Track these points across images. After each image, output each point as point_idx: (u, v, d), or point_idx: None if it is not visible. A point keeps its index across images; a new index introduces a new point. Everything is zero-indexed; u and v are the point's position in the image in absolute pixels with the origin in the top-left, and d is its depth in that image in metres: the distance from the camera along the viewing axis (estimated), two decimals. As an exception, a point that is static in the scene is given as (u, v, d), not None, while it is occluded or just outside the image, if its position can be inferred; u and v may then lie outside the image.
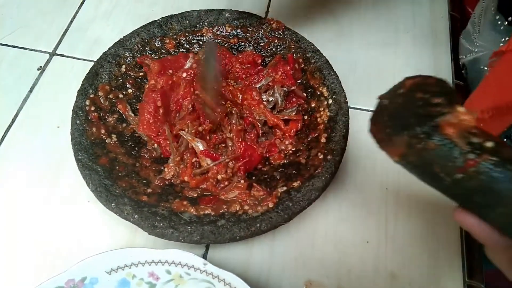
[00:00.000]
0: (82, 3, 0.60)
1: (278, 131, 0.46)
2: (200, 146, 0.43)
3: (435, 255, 0.42)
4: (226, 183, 0.42)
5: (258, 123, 0.45)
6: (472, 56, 0.52)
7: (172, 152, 0.43)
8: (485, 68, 0.50)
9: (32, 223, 0.43)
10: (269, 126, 0.46)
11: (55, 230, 0.43)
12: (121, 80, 0.48)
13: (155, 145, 0.46)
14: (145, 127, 0.45)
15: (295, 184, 0.41)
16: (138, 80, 0.49)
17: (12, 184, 0.45)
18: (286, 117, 0.46)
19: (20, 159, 0.47)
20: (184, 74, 0.47)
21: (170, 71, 0.48)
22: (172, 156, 0.43)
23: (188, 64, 0.48)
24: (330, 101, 0.45)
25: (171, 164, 0.43)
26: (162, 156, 0.45)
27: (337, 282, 0.41)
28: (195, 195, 0.42)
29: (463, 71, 0.55)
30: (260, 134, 0.45)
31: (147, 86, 0.48)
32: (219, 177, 0.42)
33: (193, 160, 0.43)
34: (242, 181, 0.42)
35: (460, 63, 0.55)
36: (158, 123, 0.45)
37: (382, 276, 0.41)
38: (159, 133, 0.45)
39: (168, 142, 0.44)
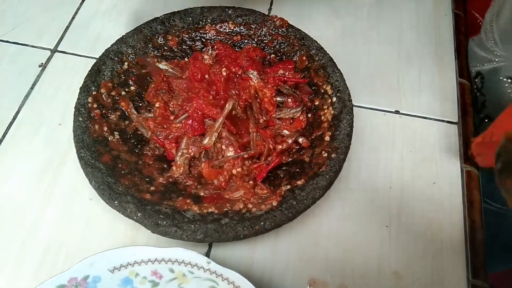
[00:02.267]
0: (83, 0, 0.59)
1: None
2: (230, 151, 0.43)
3: (439, 254, 0.42)
4: (238, 182, 0.42)
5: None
6: (491, 65, 0.51)
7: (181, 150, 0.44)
8: (504, 79, 0.50)
9: (33, 221, 0.43)
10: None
11: (56, 229, 0.42)
12: (123, 77, 0.47)
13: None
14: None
15: (299, 182, 0.41)
16: (141, 77, 0.48)
17: (13, 182, 0.45)
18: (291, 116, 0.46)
19: (22, 157, 0.47)
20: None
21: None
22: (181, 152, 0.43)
23: None
24: (334, 99, 0.45)
25: (179, 162, 0.43)
26: (167, 158, 0.45)
27: (340, 281, 0.41)
28: (201, 194, 0.41)
29: (476, 80, 0.54)
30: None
31: (152, 85, 0.47)
32: (234, 171, 0.42)
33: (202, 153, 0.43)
34: (251, 182, 0.42)
35: (472, 70, 0.55)
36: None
37: (385, 275, 0.41)
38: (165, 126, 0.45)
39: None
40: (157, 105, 0.46)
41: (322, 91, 0.46)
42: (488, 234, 0.43)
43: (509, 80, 0.49)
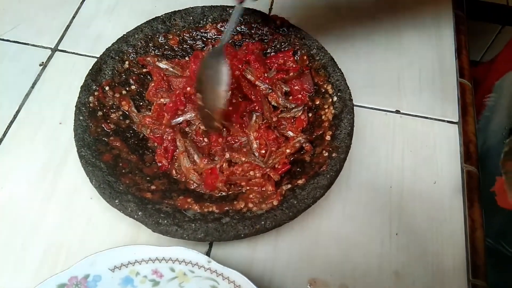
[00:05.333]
0: (84, -1, 0.59)
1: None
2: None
3: (439, 254, 0.42)
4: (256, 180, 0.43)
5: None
6: None
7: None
8: None
9: (34, 220, 0.43)
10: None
11: (57, 227, 0.42)
12: (124, 76, 0.47)
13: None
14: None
15: (300, 182, 0.41)
16: (142, 76, 0.48)
17: (13, 181, 0.45)
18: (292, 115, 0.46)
19: (22, 156, 0.46)
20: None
21: None
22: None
23: None
24: (335, 98, 0.45)
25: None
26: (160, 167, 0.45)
27: (341, 280, 0.41)
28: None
29: None
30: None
31: (152, 84, 0.47)
32: (251, 173, 0.43)
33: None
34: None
35: None
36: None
37: (386, 274, 0.41)
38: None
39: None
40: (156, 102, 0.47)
41: (323, 90, 0.46)
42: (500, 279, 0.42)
43: None
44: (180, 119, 0.45)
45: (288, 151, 0.44)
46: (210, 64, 0.42)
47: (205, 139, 0.45)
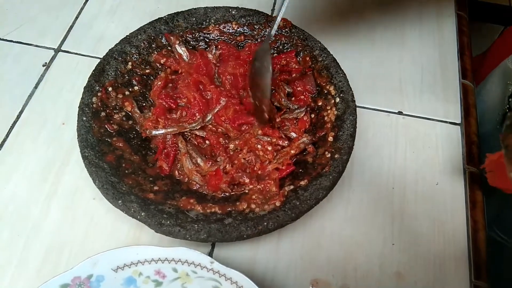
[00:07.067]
0: (87, 0, 0.60)
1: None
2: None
3: (441, 255, 0.42)
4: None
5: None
6: None
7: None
8: None
9: (36, 221, 0.43)
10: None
11: (60, 228, 0.43)
12: (127, 77, 0.47)
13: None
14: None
15: (302, 183, 0.41)
16: (144, 77, 0.49)
17: (16, 181, 0.45)
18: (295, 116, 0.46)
19: (25, 156, 0.47)
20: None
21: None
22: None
23: None
24: (338, 99, 0.45)
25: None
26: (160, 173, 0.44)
27: (343, 281, 0.41)
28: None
29: (510, 99, 0.53)
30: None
31: (159, 83, 0.48)
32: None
33: None
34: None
35: (510, 89, 0.54)
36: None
37: (388, 275, 0.41)
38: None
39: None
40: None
41: (326, 91, 0.46)
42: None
43: None
44: (162, 131, 0.45)
45: (292, 151, 0.44)
46: (258, 57, 0.43)
47: (207, 142, 0.46)
